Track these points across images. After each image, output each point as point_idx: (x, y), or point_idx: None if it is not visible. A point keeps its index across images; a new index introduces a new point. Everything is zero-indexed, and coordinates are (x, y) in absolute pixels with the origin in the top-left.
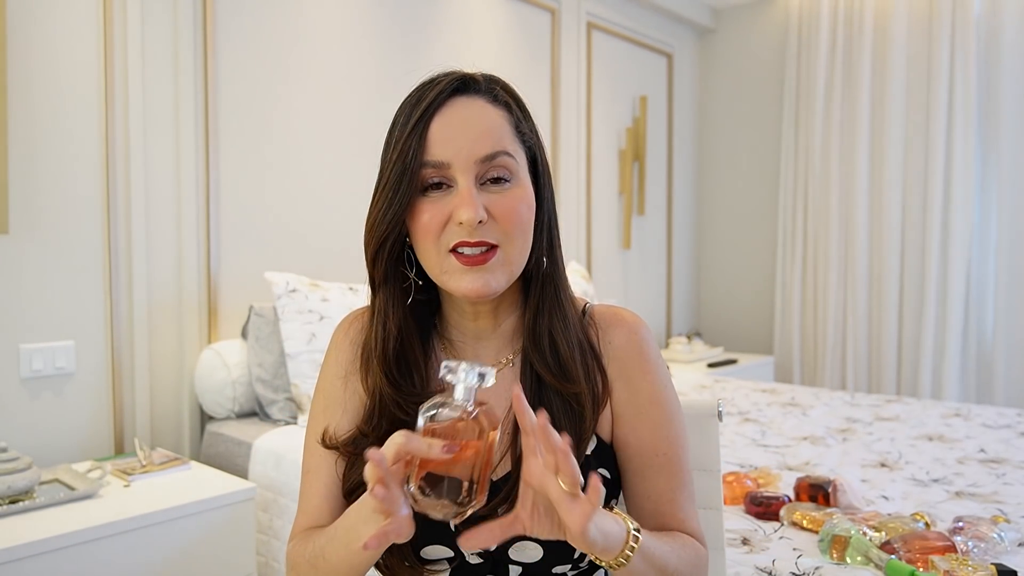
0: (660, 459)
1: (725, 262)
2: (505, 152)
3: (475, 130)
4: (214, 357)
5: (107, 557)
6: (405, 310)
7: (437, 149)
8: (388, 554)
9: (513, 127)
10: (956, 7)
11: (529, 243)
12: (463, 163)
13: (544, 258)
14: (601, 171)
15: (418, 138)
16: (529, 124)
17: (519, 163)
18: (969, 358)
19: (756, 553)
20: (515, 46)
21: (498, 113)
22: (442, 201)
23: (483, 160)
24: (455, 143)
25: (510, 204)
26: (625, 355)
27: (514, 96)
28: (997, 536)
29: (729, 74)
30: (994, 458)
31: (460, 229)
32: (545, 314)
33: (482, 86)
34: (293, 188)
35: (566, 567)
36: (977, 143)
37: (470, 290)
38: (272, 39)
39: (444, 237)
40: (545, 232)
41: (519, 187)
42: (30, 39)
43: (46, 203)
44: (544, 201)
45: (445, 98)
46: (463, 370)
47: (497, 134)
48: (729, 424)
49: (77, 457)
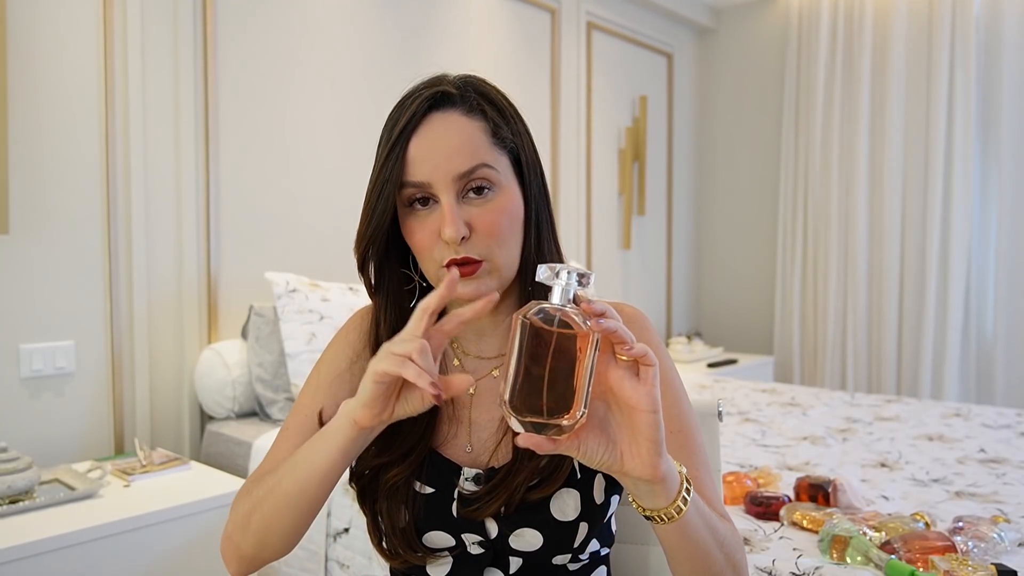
0: (675, 436)
1: (725, 262)
2: (483, 164)
3: (450, 148)
4: (214, 357)
5: (107, 557)
6: (405, 310)
7: (416, 169)
8: (391, 538)
9: (490, 135)
10: (956, 7)
11: (516, 247)
12: (442, 181)
13: (533, 254)
14: (601, 171)
15: (396, 160)
16: (510, 125)
17: (500, 170)
18: (969, 358)
19: (756, 553)
20: (515, 46)
21: (473, 125)
22: (429, 218)
23: (461, 176)
24: (432, 163)
25: (491, 217)
26: None
27: (490, 99)
28: (997, 536)
29: (729, 74)
30: (994, 458)
31: (447, 246)
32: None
33: (456, 97)
34: (293, 188)
35: (566, 557)
36: (977, 143)
37: (464, 295)
38: (272, 39)
39: (437, 253)
40: (533, 229)
41: (501, 194)
42: (30, 39)
43: (46, 203)
44: (531, 199)
45: (420, 117)
46: (563, 271)
47: (472, 148)
48: (729, 424)
49: (77, 457)
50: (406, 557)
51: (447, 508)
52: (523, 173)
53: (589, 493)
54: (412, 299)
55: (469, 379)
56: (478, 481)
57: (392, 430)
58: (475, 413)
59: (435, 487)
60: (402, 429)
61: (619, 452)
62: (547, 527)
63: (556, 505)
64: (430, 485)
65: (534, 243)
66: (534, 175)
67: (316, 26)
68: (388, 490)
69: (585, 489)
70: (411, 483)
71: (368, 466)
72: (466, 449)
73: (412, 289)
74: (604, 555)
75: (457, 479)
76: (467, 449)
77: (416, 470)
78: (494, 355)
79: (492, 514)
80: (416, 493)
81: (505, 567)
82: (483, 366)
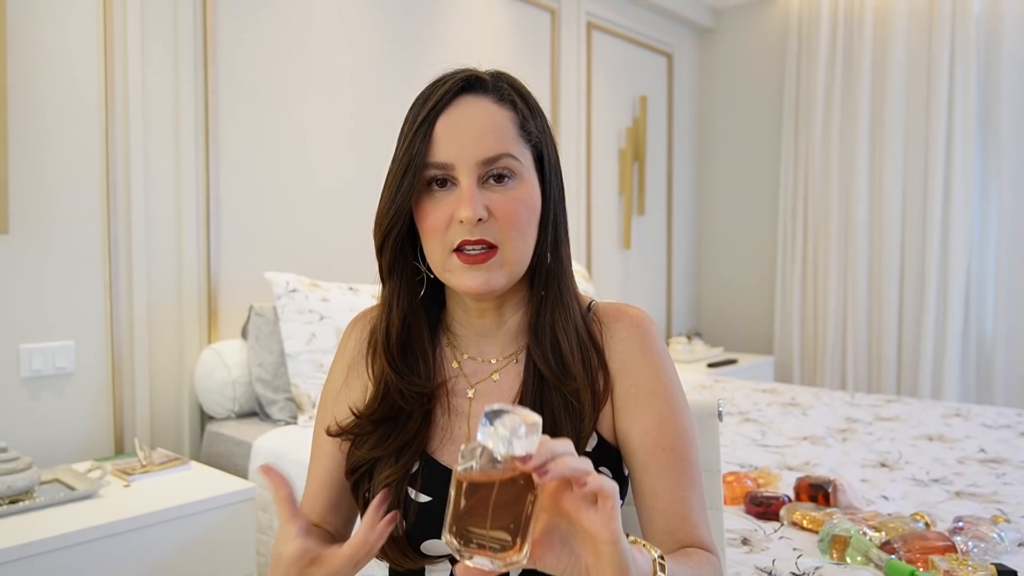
0: (667, 453)
1: (725, 262)
2: (508, 154)
3: (478, 131)
4: (214, 357)
5: (107, 557)
6: (414, 301)
7: (440, 150)
8: (390, 547)
9: (518, 126)
10: (956, 7)
11: (531, 242)
12: (465, 164)
13: (548, 254)
14: (601, 171)
15: (423, 138)
16: (537, 122)
17: (523, 163)
18: (969, 358)
19: (756, 553)
20: (515, 46)
21: (503, 113)
22: (446, 200)
23: (485, 162)
24: (458, 144)
25: (510, 204)
26: (627, 348)
27: (521, 93)
28: (997, 536)
29: (729, 74)
30: (994, 458)
31: (462, 227)
32: (548, 310)
33: (489, 85)
34: (293, 187)
35: None
36: (977, 143)
37: (471, 287)
38: (272, 39)
39: (448, 236)
40: (551, 229)
41: (522, 186)
42: (30, 39)
43: (46, 203)
44: (550, 199)
45: (451, 97)
46: (504, 423)
47: (500, 135)
48: (729, 424)
49: (77, 457)
50: (400, 562)
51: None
52: (544, 170)
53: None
54: (419, 291)
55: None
56: None
57: (384, 429)
58: (473, 417)
59: (432, 495)
60: (396, 427)
61: (583, 567)
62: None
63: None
64: (426, 493)
65: (550, 242)
66: (555, 175)
67: (316, 26)
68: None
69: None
70: (406, 491)
71: (361, 460)
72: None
73: (421, 280)
74: None
75: None
76: None
77: (411, 476)
78: (494, 357)
79: None
80: (412, 502)
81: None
82: (483, 369)
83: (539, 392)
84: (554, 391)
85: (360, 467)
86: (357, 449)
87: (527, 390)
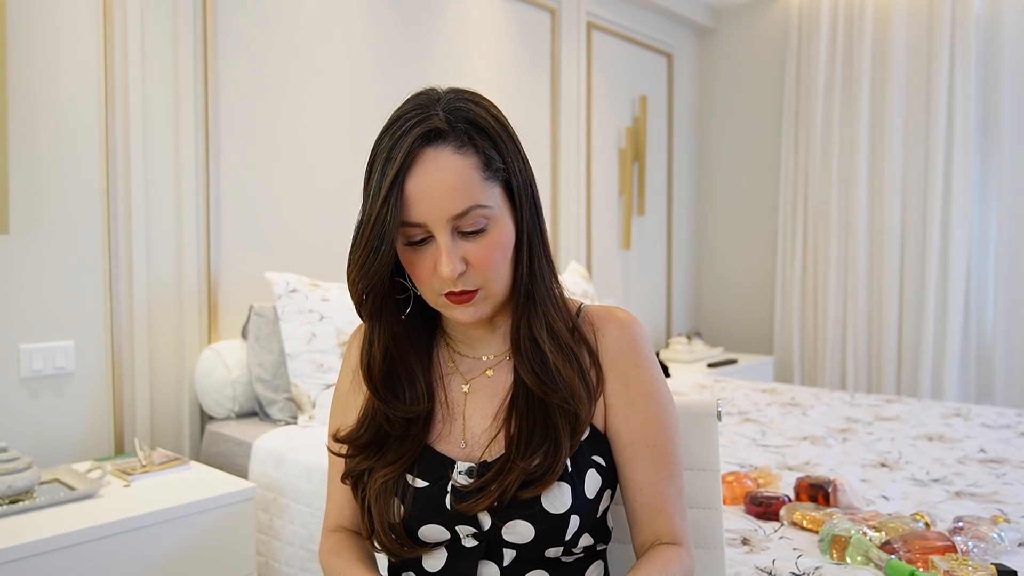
0: (651, 451)
1: (725, 262)
2: (476, 205)
3: (444, 189)
4: (214, 357)
5: (107, 557)
6: (396, 327)
7: (412, 212)
8: (385, 534)
9: (482, 170)
10: (956, 6)
11: (509, 272)
12: (438, 222)
13: (524, 274)
14: (601, 171)
15: (393, 202)
16: (501, 151)
17: (493, 205)
18: (969, 358)
19: (756, 553)
20: (515, 46)
21: (465, 162)
22: (427, 252)
23: (456, 217)
24: (427, 204)
25: (486, 251)
26: (618, 348)
27: (479, 127)
28: (997, 536)
29: (729, 74)
30: (994, 458)
31: (444, 280)
32: (525, 325)
33: (447, 132)
34: (293, 188)
35: (558, 550)
36: (977, 143)
37: (462, 319)
38: (272, 39)
39: (435, 284)
40: (525, 252)
41: (495, 229)
42: (30, 39)
43: (46, 203)
44: (524, 223)
45: (414, 155)
46: None
47: (466, 189)
48: (729, 424)
49: (77, 457)
50: (397, 552)
51: (441, 501)
52: (514, 198)
53: (581, 487)
54: (406, 308)
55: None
56: (471, 474)
57: (383, 438)
58: (469, 409)
59: (428, 480)
60: (387, 444)
61: None
62: (538, 519)
63: (547, 498)
64: (423, 479)
65: (526, 264)
66: (526, 197)
67: (316, 26)
68: (379, 488)
69: (577, 483)
70: (403, 477)
71: (359, 468)
72: (460, 445)
73: (407, 298)
74: (600, 550)
75: (451, 472)
76: (461, 445)
77: (409, 465)
78: (488, 356)
79: (485, 508)
80: (409, 487)
81: (499, 559)
82: (477, 366)
83: (527, 395)
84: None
85: (356, 473)
86: (351, 459)
87: (517, 392)
